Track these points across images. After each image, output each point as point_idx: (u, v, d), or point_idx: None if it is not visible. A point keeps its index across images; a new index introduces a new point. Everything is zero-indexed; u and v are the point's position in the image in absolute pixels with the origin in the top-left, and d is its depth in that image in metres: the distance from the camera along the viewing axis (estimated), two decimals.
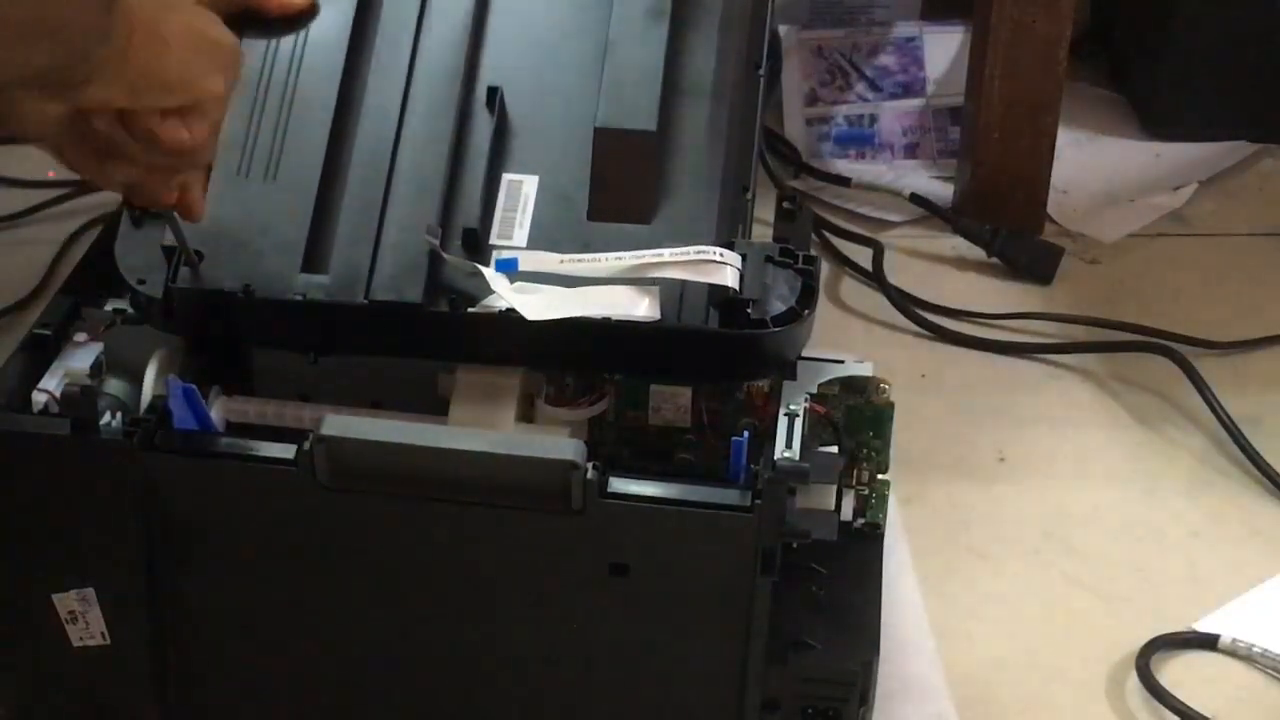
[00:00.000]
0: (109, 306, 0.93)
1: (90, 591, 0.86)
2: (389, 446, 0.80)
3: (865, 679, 0.87)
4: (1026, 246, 1.39)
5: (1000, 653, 1.04)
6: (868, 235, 1.41)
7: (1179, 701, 0.98)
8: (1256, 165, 1.53)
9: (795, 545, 0.84)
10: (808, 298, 0.88)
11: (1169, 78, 1.53)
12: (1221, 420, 1.20)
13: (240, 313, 0.89)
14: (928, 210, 1.43)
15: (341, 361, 0.90)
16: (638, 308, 0.86)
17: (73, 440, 0.82)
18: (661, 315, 0.86)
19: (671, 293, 0.87)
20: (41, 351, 0.91)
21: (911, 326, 1.32)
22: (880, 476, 0.95)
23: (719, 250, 0.86)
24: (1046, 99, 1.37)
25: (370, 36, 0.94)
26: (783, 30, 1.54)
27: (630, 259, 0.87)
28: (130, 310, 0.92)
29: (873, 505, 0.96)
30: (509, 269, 0.88)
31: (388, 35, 0.94)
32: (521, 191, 0.91)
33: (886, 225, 1.44)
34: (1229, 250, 1.42)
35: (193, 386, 0.85)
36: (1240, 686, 1.02)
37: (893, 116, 1.53)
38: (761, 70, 0.96)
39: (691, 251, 0.86)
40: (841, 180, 1.47)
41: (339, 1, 0.94)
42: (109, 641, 0.87)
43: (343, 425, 0.81)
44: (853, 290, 1.37)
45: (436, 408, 0.90)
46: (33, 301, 1.28)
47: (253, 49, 0.92)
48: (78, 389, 0.83)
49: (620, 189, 0.91)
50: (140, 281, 0.89)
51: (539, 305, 0.85)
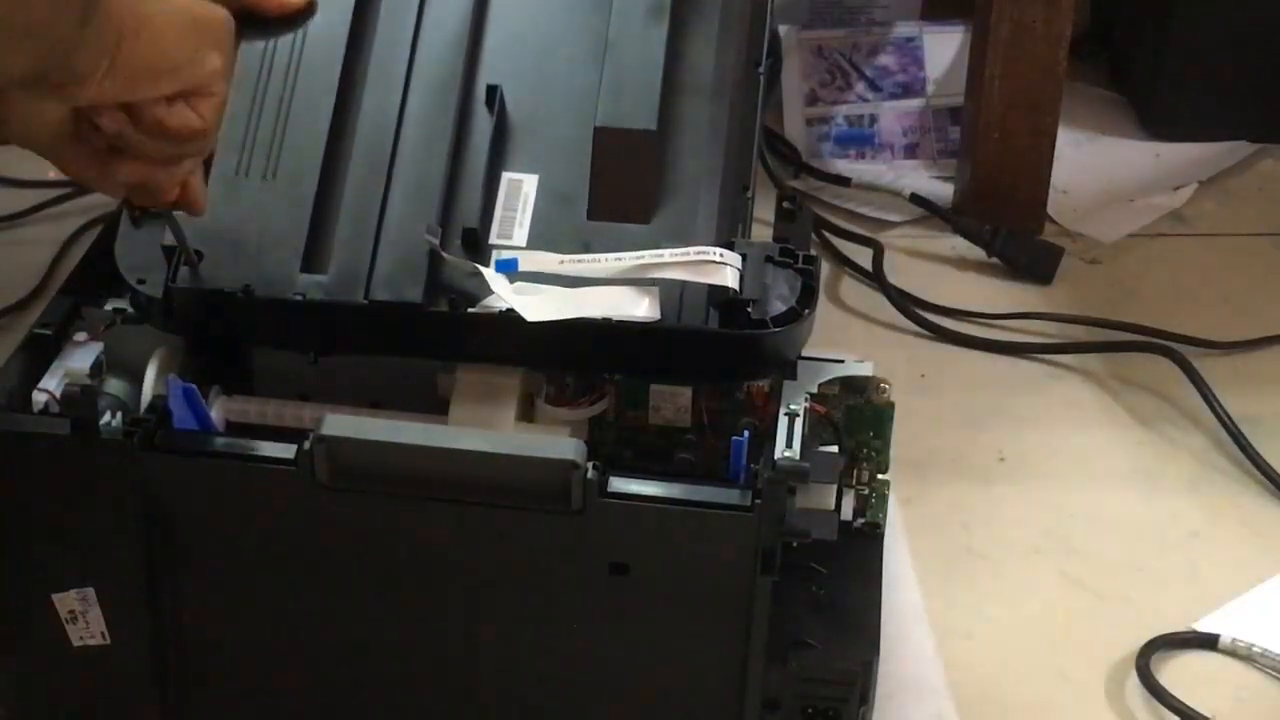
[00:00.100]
0: (109, 306, 0.93)
1: (90, 591, 0.86)
2: (389, 446, 0.80)
3: (865, 679, 0.87)
4: (1026, 246, 1.39)
5: (1000, 653, 1.04)
6: (868, 235, 1.41)
7: (1179, 701, 0.98)
8: (1256, 165, 1.53)
9: (795, 545, 0.84)
10: (808, 298, 0.88)
11: (1169, 78, 1.53)
12: (1221, 420, 1.20)
13: (240, 312, 0.88)
14: (928, 210, 1.43)
15: (341, 361, 0.90)
16: (638, 308, 0.86)
17: (73, 440, 0.82)
18: (661, 315, 0.86)
19: (671, 293, 0.87)
20: (41, 351, 0.91)
21: (911, 326, 1.32)
22: (880, 476, 0.95)
23: (719, 250, 0.86)
24: (1046, 99, 1.37)
25: (369, 35, 0.94)
26: (783, 30, 1.54)
27: (630, 259, 0.87)
28: (130, 310, 0.92)
29: (873, 505, 0.96)
30: (509, 269, 0.87)
31: (387, 33, 0.94)
32: (521, 191, 0.91)
33: (886, 225, 1.44)
34: (1229, 250, 1.42)
35: (193, 386, 0.85)
36: (1240, 686, 1.02)
37: (893, 116, 1.53)
38: (761, 69, 0.96)
39: (691, 252, 0.86)
40: (841, 180, 1.47)
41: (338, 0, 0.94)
42: (109, 641, 0.87)
43: (343, 425, 0.81)
44: (853, 290, 1.37)
45: (436, 408, 0.90)
46: (33, 301, 1.28)
47: (251, 48, 0.92)
48: (78, 389, 0.82)
49: (620, 188, 0.90)
50: (140, 281, 0.89)
51: (539, 306, 0.85)
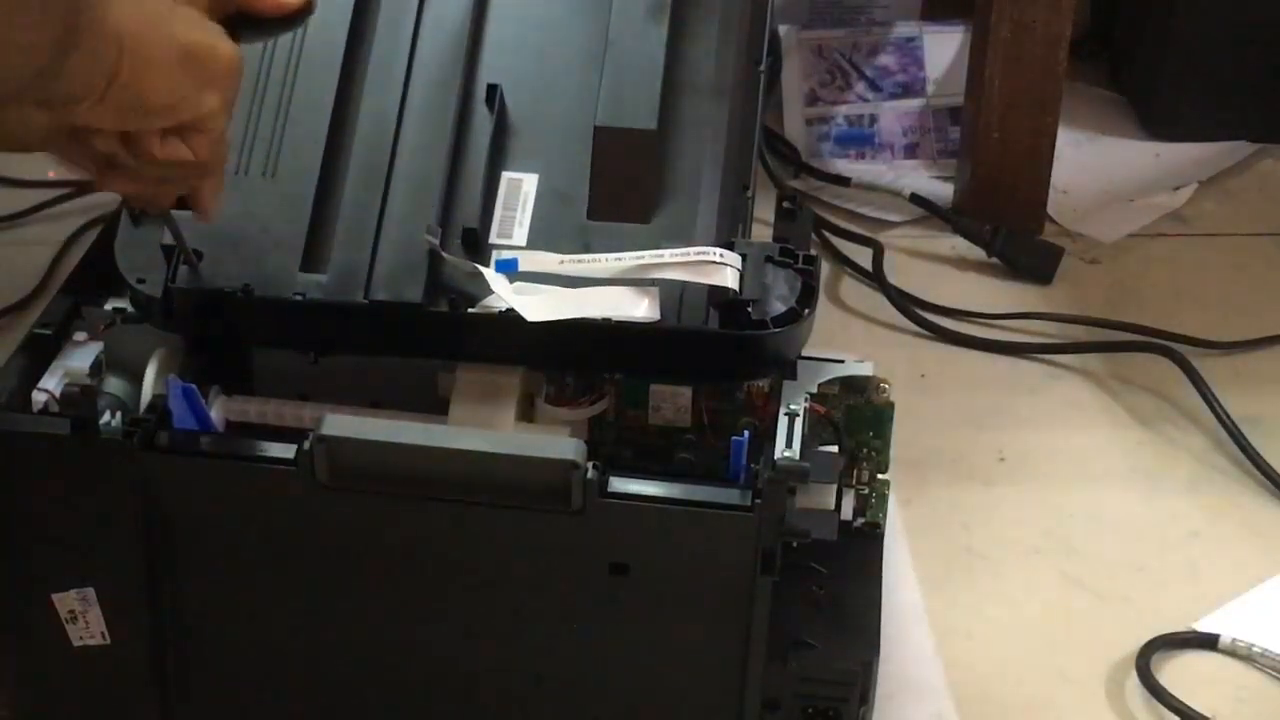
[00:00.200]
0: (109, 306, 0.93)
1: (90, 591, 0.86)
2: (389, 446, 0.80)
3: (865, 679, 0.87)
4: (1026, 246, 1.39)
5: (1000, 653, 1.04)
6: (868, 235, 1.41)
7: (1179, 701, 0.98)
8: (1256, 165, 1.53)
9: (795, 545, 0.84)
10: (808, 298, 0.88)
11: (1169, 78, 1.53)
12: (1221, 420, 1.20)
13: (239, 312, 0.88)
14: (928, 210, 1.43)
15: (341, 361, 0.90)
16: (637, 308, 0.86)
17: (73, 440, 0.82)
18: (661, 316, 0.86)
19: (671, 293, 0.87)
20: (41, 351, 0.91)
21: (911, 326, 1.32)
22: (880, 476, 0.95)
23: (719, 251, 0.86)
24: (1046, 99, 1.37)
25: (368, 33, 0.94)
26: (783, 30, 1.54)
27: (630, 259, 0.86)
28: (130, 310, 0.92)
29: (873, 505, 0.95)
30: (509, 269, 0.87)
31: (386, 32, 0.94)
32: (521, 190, 0.91)
33: (886, 225, 1.44)
34: (1229, 250, 1.42)
35: (193, 386, 0.85)
36: (1240, 686, 1.02)
37: (893, 116, 1.53)
38: (761, 68, 0.96)
39: (691, 252, 0.86)
40: (841, 180, 1.47)
41: None
42: (109, 641, 0.87)
43: (343, 425, 0.81)
44: (853, 290, 1.37)
45: (436, 407, 0.90)
46: (33, 301, 1.28)
47: (250, 48, 0.92)
48: (78, 389, 0.83)
49: (620, 188, 0.90)
50: (140, 281, 0.89)
51: (539, 306, 0.85)
